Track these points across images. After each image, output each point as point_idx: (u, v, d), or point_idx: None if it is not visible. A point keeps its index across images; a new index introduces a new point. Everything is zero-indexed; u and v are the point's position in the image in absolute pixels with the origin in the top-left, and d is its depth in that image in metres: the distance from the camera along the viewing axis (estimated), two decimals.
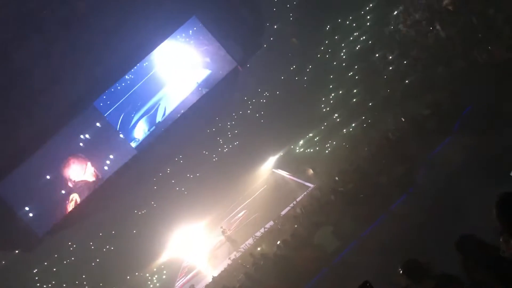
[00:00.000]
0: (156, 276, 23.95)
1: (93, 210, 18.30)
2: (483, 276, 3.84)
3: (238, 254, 17.83)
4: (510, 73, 11.29)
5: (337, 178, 14.40)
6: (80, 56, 14.86)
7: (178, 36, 19.43)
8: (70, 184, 19.08)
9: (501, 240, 3.61)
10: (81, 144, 19.44)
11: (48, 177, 18.86)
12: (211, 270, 19.42)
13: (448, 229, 7.92)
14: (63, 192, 19.00)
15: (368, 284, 2.56)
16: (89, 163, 19.63)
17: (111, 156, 20.16)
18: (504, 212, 3.30)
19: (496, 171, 8.06)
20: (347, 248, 11.57)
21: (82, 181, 19.21)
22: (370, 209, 11.65)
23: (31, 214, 18.20)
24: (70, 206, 18.16)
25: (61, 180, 19.11)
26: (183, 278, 22.48)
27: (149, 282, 23.65)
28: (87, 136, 19.59)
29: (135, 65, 18.13)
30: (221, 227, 21.55)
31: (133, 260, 22.14)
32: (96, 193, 18.22)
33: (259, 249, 16.15)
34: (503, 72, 11.56)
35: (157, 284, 23.70)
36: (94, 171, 19.61)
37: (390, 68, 18.30)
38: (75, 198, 18.52)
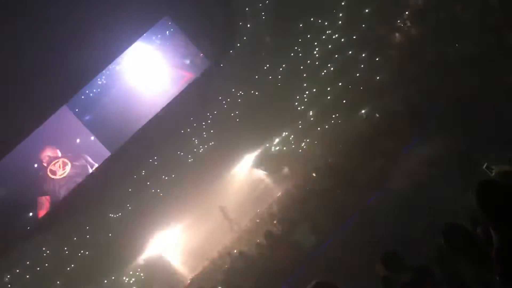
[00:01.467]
0: (133, 279, 23.63)
1: (67, 214, 17.93)
2: (462, 265, 3.90)
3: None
4: (479, 69, 11.57)
5: (314, 174, 14.49)
6: (49, 58, 14.52)
7: (151, 37, 19.24)
8: (43, 187, 18.69)
9: (478, 230, 3.65)
10: (54, 146, 19.06)
11: (19, 179, 18.42)
12: (188, 271, 19.31)
13: (423, 222, 8.05)
14: (34, 195, 18.59)
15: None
16: (61, 166, 19.25)
17: (84, 159, 19.82)
18: (484, 199, 3.29)
19: (469, 165, 8.25)
20: (324, 244, 11.64)
21: (54, 184, 18.83)
22: (346, 205, 11.76)
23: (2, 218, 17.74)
24: (42, 211, 17.77)
25: (33, 183, 18.69)
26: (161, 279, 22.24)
27: (126, 285, 23.31)
28: (59, 138, 19.22)
29: (106, 66, 17.85)
30: (219, 207, 21.81)
31: (110, 264, 21.76)
32: (69, 197, 17.87)
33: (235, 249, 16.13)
34: (471, 68, 11.84)
35: (134, 287, 23.38)
36: (67, 174, 19.24)
37: (362, 66, 18.54)
38: (46, 202, 18.13)
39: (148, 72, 19.95)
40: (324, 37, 20.76)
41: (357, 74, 18.70)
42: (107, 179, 18.90)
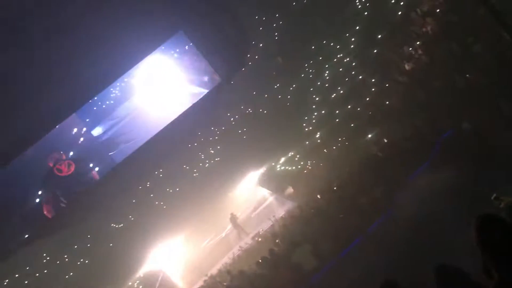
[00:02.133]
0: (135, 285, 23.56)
1: (69, 221, 17.92)
2: None
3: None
4: (488, 99, 11.59)
5: (318, 196, 14.46)
6: (62, 67, 14.70)
7: (162, 51, 19.47)
8: (48, 188, 18.74)
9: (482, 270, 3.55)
10: (61, 154, 19.17)
11: (25, 185, 18.49)
12: (187, 286, 19.18)
13: (426, 251, 7.99)
14: (37, 202, 18.63)
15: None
16: (66, 166, 19.33)
17: (91, 168, 19.91)
18: (483, 234, 3.16)
19: (475, 195, 8.21)
20: (325, 268, 11.55)
21: (59, 185, 18.88)
22: (349, 229, 11.70)
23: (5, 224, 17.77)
24: (46, 214, 17.77)
25: (38, 189, 18.75)
26: None
27: None
28: (69, 147, 19.35)
29: (117, 79, 18.01)
30: (231, 214, 21.69)
31: (109, 274, 21.67)
32: (73, 204, 17.88)
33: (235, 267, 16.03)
34: (480, 98, 11.86)
35: None
36: (74, 181, 19.29)
37: (372, 90, 18.61)
38: (49, 205, 18.16)
39: (160, 85, 20.17)
40: (335, 60, 20.92)
41: (367, 98, 18.77)
42: (112, 188, 18.92)
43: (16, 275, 18.72)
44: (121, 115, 20.14)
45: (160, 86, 19.97)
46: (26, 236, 17.36)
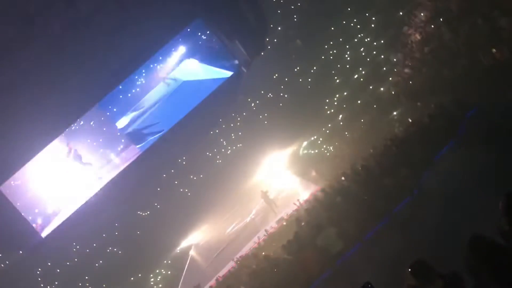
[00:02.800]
0: (159, 277, 23.96)
1: (96, 211, 18.30)
2: (489, 277, 3.76)
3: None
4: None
5: (343, 178, 14.32)
6: (85, 57, 14.88)
7: (183, 38, 19.52)
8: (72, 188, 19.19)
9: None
10: (87, 143, 19.58)
11: (50, 179, 18.94)
12: (214, 270, 19.41)
13: (452, 231, 7.86)
14: (64, 195, 19.09)
15: (369, 286, 2.50)
16: (92, 164, 19.74)
17: (115, 157, 20.26)
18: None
19: (500, 173, 8.02)
20: (351, 250, 11.50)
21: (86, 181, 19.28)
22: (374, 211, 11.58)
23: (34, 215, 18.27)
24: (72, 208, 18.21)
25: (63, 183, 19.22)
26: (188, 277, 22.49)
27: (152, 283, 23.64)
28: (92, 137, 19.73)
29: (139, 66, 18.17)
30: (261, 191, 21.88)
31: (137, 261, 22.12)
32: (100, 194, 18.23)
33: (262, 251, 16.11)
34: (506, 74, 11.49)
35: (160, 285, 23.69)
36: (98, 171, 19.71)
37: (395, 70, 18.24)
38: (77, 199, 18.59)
39: (179, 73, 20.26)
40: (356, 40, 20.57)
41: (390, 78, 18.42)
42: (137, 177, 19.20)
43: (48, 263, 19.26)
44: (147, 105, 20.39)
45: (183, 73, 20.12)
46: (54, 227, 17.83)
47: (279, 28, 20.61)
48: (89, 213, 17.97)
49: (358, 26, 20.23)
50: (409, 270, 4.57)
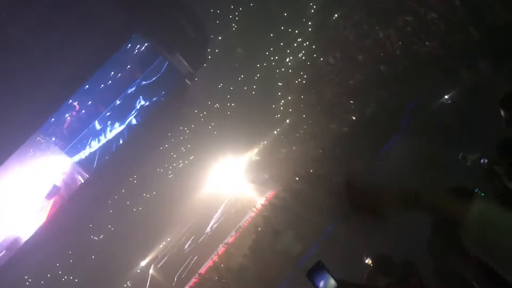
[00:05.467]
0: None
1: (47, 240, 17.55)
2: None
3: None
4: (447, 67, 11.88)
5: (297, 178, 14.54)
6: (23, 81, 14.29)
7: (123, 55, 19.15)
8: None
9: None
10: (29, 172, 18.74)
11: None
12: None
13: (404, 222, 8.14)
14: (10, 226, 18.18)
15: (321, 264, 2.55)
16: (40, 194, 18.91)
17: (60, 182, 19.51)
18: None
19: (443, 161, 8.42)
20: (310, 250, 11.67)
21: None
22: (329, 209, 11.81)
23: None
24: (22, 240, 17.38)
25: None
26: None
27: None
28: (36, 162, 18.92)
29: (78, 88, 17.65)
30: None
31: (96, 286, 21.38)
32: (50, 222, 17.51)
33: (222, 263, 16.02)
34: (441, 67, 12.14)
35: None
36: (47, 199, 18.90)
37: (334, 70, 18.75)
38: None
39: (121, 90, 19.85)
40: (295, 44, 20.98)
41: (331, 79, 18.91)
42: (87, 200, 18.62)
43: None
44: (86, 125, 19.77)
45: (120, 91, 19.67)
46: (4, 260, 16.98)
47: (220, 38, 20.71)
48: (39, 243, 17.21)
49: (296, 31, 20.66)
50: (370, 263, 4.73)
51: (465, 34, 12.08)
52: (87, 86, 18.50)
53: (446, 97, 11.27)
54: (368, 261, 5.39)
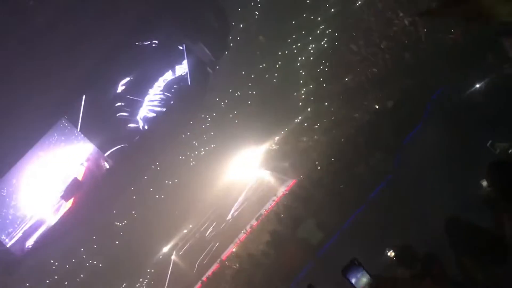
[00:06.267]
0: (145, 284, 23.73)
1: (72, 225, 17.95)
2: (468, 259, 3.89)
3: None
4: (473, 54, 11.58)
5: (319, 168, 14.48)
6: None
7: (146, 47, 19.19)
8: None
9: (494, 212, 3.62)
10: (54, 158, 19.10)
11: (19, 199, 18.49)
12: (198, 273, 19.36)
13: (427, 213, 8.05)
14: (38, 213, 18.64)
15: (356, 261, 2.55)
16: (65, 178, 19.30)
17: (86, 168, 19.86)
18: (498, 177, 3.33)
19: (470, 151, 8.27)
20: (331, 239, 11.65)
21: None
22: (351, 198, 11.77)
23: (8, 235, 17.80)
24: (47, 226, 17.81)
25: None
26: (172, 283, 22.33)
27: None
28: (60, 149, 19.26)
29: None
30: None
31: (119, 272, 21.84)
32: (75, 208, 17.89)
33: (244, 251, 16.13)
34: (466, 53, 11.84)
35: None
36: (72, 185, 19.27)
37: (358, 58, 18.49)
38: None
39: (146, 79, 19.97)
40: (318, 32, 20.76)
41: (354, 67, 18.66)
42: (110, 187, 18.93)
43: (27, 284, 18.79)
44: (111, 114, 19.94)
45: (145, 79, 19.78)
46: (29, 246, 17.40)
47: (241, 26, 20.62)
48: (64, 229, 17.63)
49: (319, 18, 20.42)
50: (391, 254, 4.70)
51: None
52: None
53: (473, 85, 10.99)
54: (390, 253, 5.35)
